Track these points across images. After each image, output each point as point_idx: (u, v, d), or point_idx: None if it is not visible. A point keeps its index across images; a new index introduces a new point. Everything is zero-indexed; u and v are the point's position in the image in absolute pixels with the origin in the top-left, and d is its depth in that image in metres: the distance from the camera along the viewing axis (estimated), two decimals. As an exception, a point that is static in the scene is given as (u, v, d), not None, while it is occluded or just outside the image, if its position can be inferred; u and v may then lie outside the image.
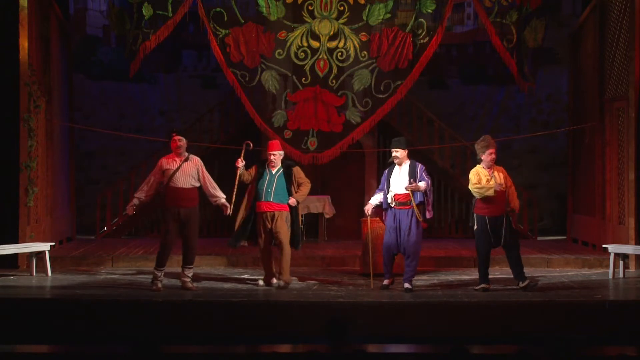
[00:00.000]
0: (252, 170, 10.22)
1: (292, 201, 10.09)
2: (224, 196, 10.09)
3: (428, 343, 8.03)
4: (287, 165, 10.26)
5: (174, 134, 10.00)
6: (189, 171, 9.90)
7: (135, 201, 9.92)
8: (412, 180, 9.78)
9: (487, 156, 9.83)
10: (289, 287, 10.02)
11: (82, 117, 16.96)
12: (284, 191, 10.09)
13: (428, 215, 9.87)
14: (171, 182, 9.81)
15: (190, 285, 9.96)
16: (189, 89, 18.05)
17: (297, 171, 10.24)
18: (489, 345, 7.60)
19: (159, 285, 9.82)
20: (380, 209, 10.12)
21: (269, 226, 10.07)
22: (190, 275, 10.01)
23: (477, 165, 9.93)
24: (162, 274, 9.87)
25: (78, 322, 8.83)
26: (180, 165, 9.85)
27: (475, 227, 9.90)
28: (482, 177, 9.80)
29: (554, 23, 14.91)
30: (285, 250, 10.07)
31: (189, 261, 10.00)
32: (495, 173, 9.82)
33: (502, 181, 9.77)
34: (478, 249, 9.93)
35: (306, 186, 10.23)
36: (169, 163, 9.88)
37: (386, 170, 10.17)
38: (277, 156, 10.15)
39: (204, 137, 16.06)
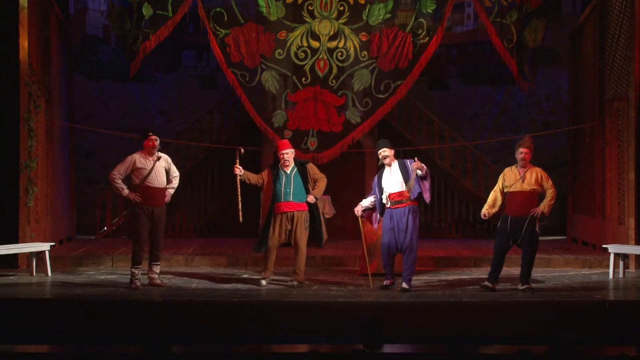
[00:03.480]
0: (264, 174, 10.24)
1: (311, 198, 10.10)
2: (174, 187, 10.14)
3: (428, 343, 8.03)
4: (301, 163, 10.26)
5: (150, 133, 9.98)
6: (161, 170, 9.96)
7: (127, 192, 9.85)
8: (408, 181, 9.72)
9: (518, 154, 9.73)
10: (295, 286, 10.00)
11: (82, 117, 16.97)
12: (301, 190, 10.09)
13: (427, 199, 9.74)
14: (147, 181, 9.85)
15: (158, 281, 10.05)
16: (189, 89, 18.06)
17: (312, 168, 10.27)
18: (489, 345, 7.59)
19: (138, 283, 9.88)
20: (370, 211, 10.10)
21: (289, 227, 10.06)
22: (157, 271, 10.10)
23: (513, 165, 9.89)
24: (139, 272, 9.91)
25: (78, 322, 8.83)
26: (154, 165, 9.88)
27: (498, 224, 9.88)
28: (501, 182, 9.78)
29: (554, 23, 14.91)
30: (302, 252, 10.08)
31: (157, 258, 10.09)
32: (528, 173, 9.70)
33: (533, 182, 9.69)
34: (494, 246, 9.92)
35: (322, 181, 10.23)
36: (142, 162, 9.89)
37: (375, 176, 10.13)
38: (289, 155, 10.17)
39: (204, 137, 16.07)
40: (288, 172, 10.12)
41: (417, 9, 12.60)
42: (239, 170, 10.11)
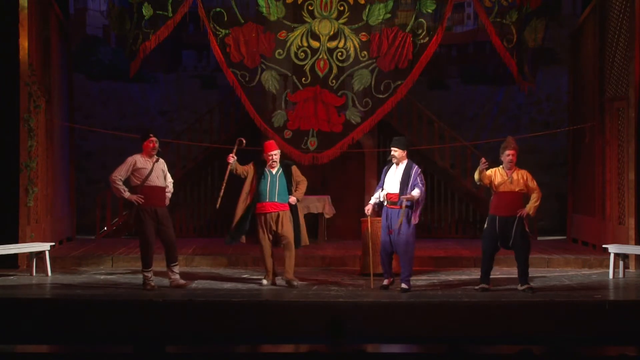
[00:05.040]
0: (249, 168, 10.24)
1: (293, 199, 10.16)
2: (170, 191, 10.14)
3: (428, 343, 8.03)
4: (286, 164, 10.33)
5: (150, 135, 9.98)
6: (160, 172, 9.97)
7: (128, 194, 9.82)
8: (405, 188, 9.71)
9: (504, 157, 9.74)
10: (293, 285, 10.01)
11: (82, 117, 16.97)
12: (285, 191, 10.17)
13: (413, 221, 9.71)
14: (148, 181, 9.82)
15: (181, 282, 9.98)
16: (189, 89, 18.06)
17: (295, 170, 10.35)
18: (489, 345, 7.59)
19: (152, 284, 9.87)
20: (381, 207, 10.10)
21: (274, 227, 10.09)
22: (177, 272, 10.04)
23: (499, 166, 9.87)
24: (151, 273, 9.89)
25: (78, 322, 8.83)
26: (153, 166, 9.88)
27: (485, 226, 9.85)
28: (491, 173, 9.75)
29: (554, 23, 14.91)
30: (293, 250, 10.12)
31: (174, 259, 10.03)
32: (515, 175, 9.70)
33: (521, 183, 9.69)
34: (482, 249, 9.89)
35: (304, 184, 10.34)
36: (142, 163, 9.88)
37: (385, 167, 10.14)
38: (277, 156, 10.22)
39: (204, 137, 16.07)
40: (274, 172, 10.16)
41: (417, 9, 12.60)
42: (232, 159, 10.15)
